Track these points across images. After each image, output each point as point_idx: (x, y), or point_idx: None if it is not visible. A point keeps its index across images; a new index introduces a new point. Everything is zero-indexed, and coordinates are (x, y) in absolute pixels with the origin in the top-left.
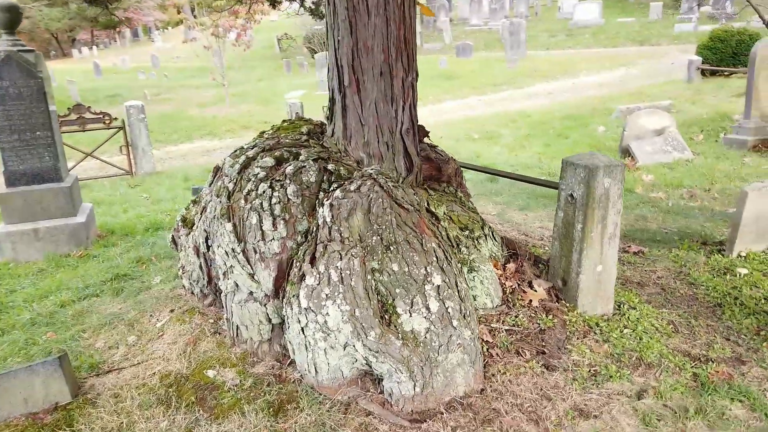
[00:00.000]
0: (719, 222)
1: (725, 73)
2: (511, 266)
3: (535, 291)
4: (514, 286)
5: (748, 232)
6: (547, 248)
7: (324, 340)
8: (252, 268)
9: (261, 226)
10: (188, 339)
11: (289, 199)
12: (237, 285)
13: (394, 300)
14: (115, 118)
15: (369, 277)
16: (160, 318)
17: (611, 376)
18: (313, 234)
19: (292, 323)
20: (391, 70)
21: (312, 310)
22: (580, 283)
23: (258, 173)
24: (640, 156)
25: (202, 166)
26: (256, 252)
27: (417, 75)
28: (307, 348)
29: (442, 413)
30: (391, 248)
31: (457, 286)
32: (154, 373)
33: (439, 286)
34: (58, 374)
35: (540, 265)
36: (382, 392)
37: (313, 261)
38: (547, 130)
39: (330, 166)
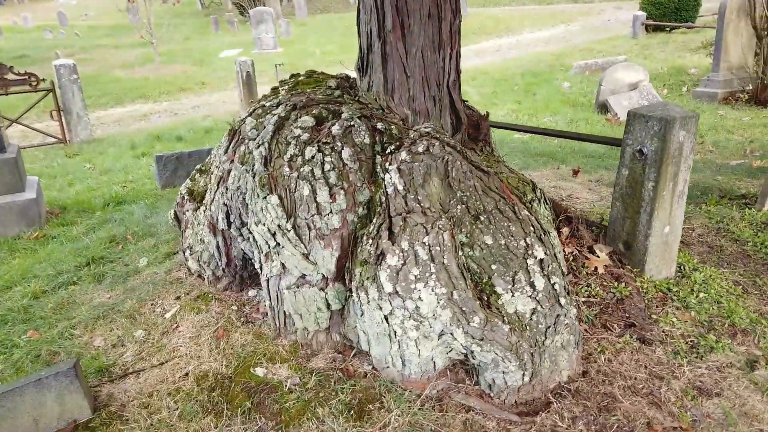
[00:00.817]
0: (730, 175)
1: (667, 29)
2: (566, 231)
3: (597, 257)
4: (574, 253)
5: None
6: (577, 208)
7: (416, 329)
8: (306, 248)
9: (315, 198)
10: (218, 331)
11: (344, 165)
12: (284, 267)
13: (490, 278)
14: (43, 80)
15: (459, 253)
16: (166, 307)
17: (712, 347)
18: (383, 205)
19: (368, 311)
20: (439, 12)
21: (399, 295)
22: (649, 246)
23: (299, 135)
24: (619, 111)
25: (146, 131)
26: (310, 228)
27: (461, 18)
28: (391, 339)
29: (551, 403)
30: (481, 218)
31: (557, 259)
32: (186, 375)
33: (542, 260)
34: (74, 386)
35: (592, 229)
36: (477, 384)
37: (391, 236)
38: (511, 87)
39: (379, 125)
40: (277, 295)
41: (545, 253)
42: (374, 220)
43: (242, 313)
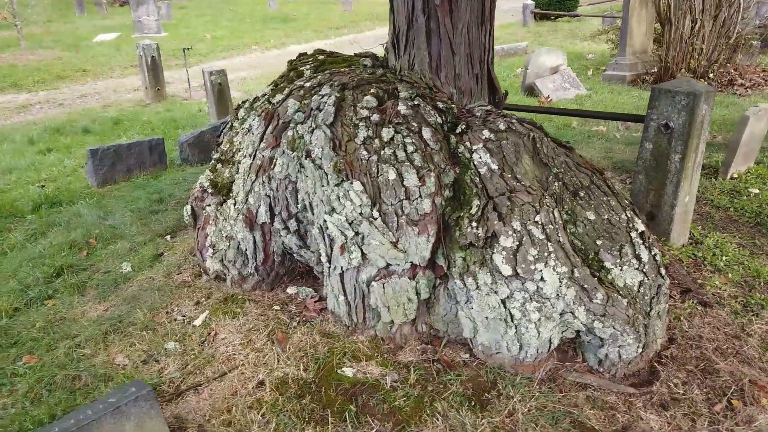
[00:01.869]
0: None
1: (552, 17)
2: None
3: None
4: None
5: (740, 154)
6: None
7: (538, 311)
8: (394, 235)
9: (402, 182)
10: (273, 334)
11: (427, 145)
12: (364, 258)
13: (596, 253)
14: None
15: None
16: (187, 314)
17: (763, 306)
18: (478, 185)
19: (478, 296)
20: None
21: (519, 277)
22: (675, 216)
23: (368, 116)
24: (547, 93)
25: (39, 124)
26: (398, 215)
27: None
28: (507, 323)
29: (657, 371)
30: (580, 194)
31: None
32: (261, 384)
33: (642, 232)
34: (154, 410)
35: None
36: (583, 360)
37: (500, 217)
38: None
39: (440, 105)
40: (355, 289)
41: (645, 226)
42: (475, 202)
43: (289, 313)
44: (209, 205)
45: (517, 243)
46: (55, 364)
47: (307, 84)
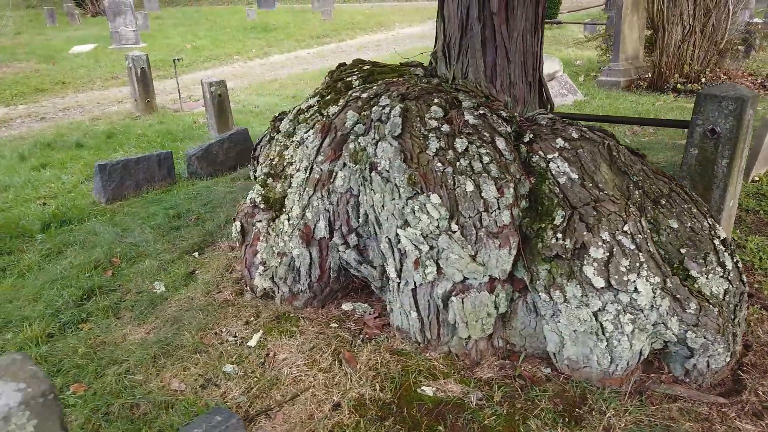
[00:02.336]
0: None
1: None
2: None
3: None
4: None
5: (762, 158)
6: None
7: (632, 322)
8: (472, 248)
9: (480, 194)
10: (337, 353)
11: (501, 156)
12: (440, 272)
13: (681, 262)
14: None
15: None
16: (237, 334)
17: None
18: (558, 195)
19: (566, 310)
20: None
21: (612, 289)
22: (721, 221)
23: (439, 127)
24: None
25: (26, 138)
26: (476, 227)
27: None
28: (598, 335)
29: (741, 380)
30: (662, 202)
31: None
32: (338, 406)
33: (724, 240)
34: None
35: None
36: (668, 372)
37: (587, 227)
38: None
39: (504, 114)
40: (429, 304)
41: (725, 234)
42: (559, 212)
43: (349, 330)
44: (260, 221)
45: (608, 254)
46: (107, 392)
47: (364, 95)
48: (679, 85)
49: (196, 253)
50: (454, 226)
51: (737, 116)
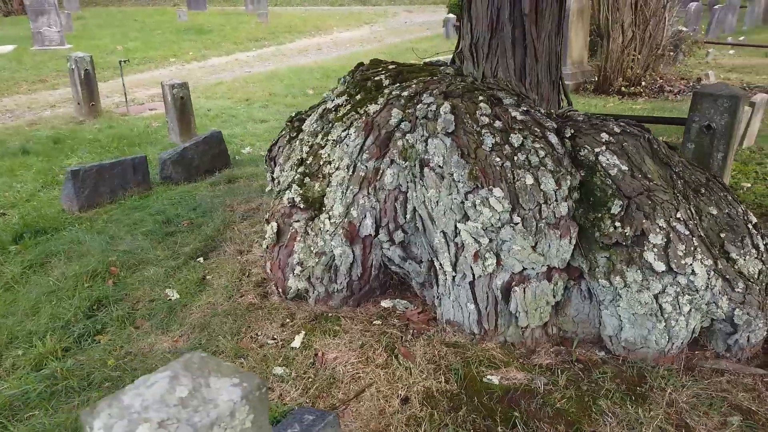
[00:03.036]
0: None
1: None
2: None
3: None
4: None
5: None
6: None
7: (690, 303)
8: (533, 239)
9: (540, 187)
10: (391, 349)
11: (554, 150)
12: (499, 264)
13: (722, 245)
14: None
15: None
16: (276, 336)
17: None
18: (611, 186)
19: (627, 294)
20: None
21: (672, 272)
22: None
23: (491, 123)
24: None
25: None
26: (536, 219)
27: None
28: (657, 317)
29: None
30: (702, 190)
31: None
32: (406, 400)
33: (756, 224)
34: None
35: None
36: (711, 348)
37: (645, 215)
38: None
39: (541, 110)
40: (487, 295)
41: (755, 218)
42: (616, 202)
43: (394, 326)
44: (297, 221)
45: (666, 239)
46: None
47: (404, 93)
48: (623, 88)
49: (200, 259)
50: (516, 218)
51: (732, 113)
